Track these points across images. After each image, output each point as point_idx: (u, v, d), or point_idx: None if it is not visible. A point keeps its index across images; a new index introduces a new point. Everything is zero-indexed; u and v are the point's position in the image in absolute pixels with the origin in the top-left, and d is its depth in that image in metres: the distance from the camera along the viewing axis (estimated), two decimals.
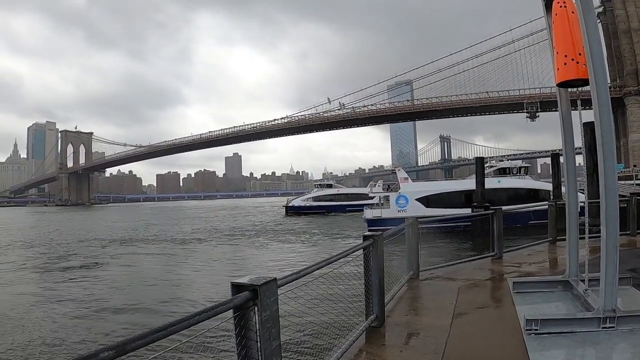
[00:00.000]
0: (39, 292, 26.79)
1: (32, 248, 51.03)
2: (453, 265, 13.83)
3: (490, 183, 46.02)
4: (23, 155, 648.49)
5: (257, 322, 4.31)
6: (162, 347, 3.74)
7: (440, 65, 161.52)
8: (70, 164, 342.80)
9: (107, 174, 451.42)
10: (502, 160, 60.97)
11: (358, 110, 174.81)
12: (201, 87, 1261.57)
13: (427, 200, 48.28)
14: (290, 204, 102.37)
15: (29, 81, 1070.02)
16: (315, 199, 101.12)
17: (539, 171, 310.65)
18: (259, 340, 4.32)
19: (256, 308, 4.31)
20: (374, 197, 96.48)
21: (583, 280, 8.73)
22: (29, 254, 45.59)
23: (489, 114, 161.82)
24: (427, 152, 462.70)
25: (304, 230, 60.64)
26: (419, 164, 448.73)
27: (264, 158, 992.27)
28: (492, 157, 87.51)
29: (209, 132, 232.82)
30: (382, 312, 8.40)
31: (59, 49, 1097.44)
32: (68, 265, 37.40)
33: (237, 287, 4.34)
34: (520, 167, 56.07)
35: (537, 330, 7.34)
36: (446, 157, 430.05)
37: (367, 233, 8.36)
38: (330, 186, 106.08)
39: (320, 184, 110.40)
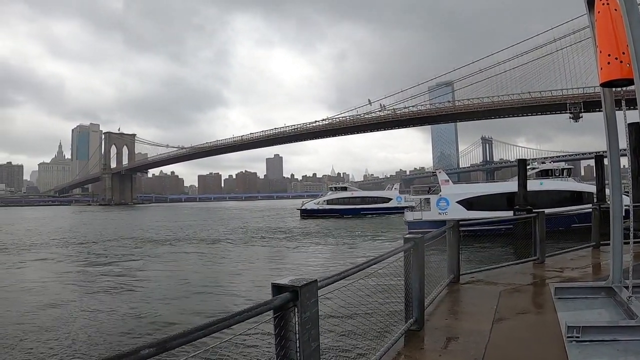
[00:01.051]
0: (81, 288, 27.48)
1: (76, 245, 52.27)
2: (494, 269, 13.61)
3: (532, 185, 45.32)
4: (68, 156, 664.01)
5: (297, 323, 4.30)
6: (203, 345, 3.77)
7: (481, 66, 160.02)
8: (113, 164, 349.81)
9: (150, 175, 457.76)
10: (545, 162, 59.93)
11: (399, 111, 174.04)
12: (241, 89, 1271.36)
13: (468, 203, 47.78)
14: (303, 207, 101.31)
15: (72, 84, 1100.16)
16: (329, 202, 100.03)
17: (582, 173, 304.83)
18: (298, 341, 4.31)
19: (296, 309, 4.30)
20: (391, 200, 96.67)
21: (627, 287, 8.50)
22: (72, 251, 46.75)
23: (531, 115, 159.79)
24: (469, 153, 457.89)
25: (343, 231, 60.36)
26: (460, 166, 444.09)
27: (304, 160, 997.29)
28: (535, 158, 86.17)
29: (250, 133, 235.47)
30: (421, 315, 8.33)
31: (99, 52, 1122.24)
32: (108, 262, 38.22)
33: (277, 288, 4.34)
34: (563, 169, 55.01)
35: (578, 337, 7.15)
36: (488, 158, 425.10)
37: (408, 235, 8.28)
38: (345, 189, 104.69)
39: (334, 187, 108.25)
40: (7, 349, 15.92)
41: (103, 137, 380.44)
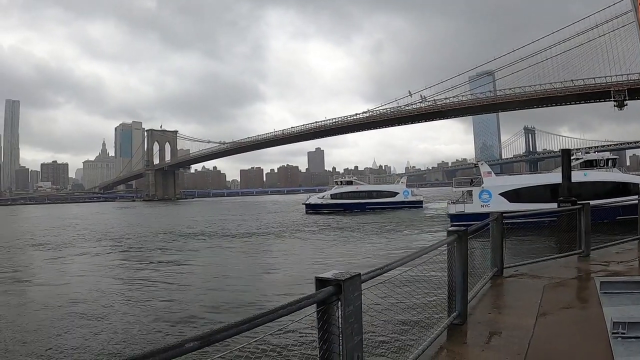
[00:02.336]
0: (124, 281, 28.12)
1: (120, 239, 53.52)
2: (538, 263, 13.35)
3: (576, 176, 44.51)
4: (111, 153, 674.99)
5: (340, 316, 4.29)
6: (247, 339, 3.81)
7: (522, 54, 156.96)
8: (156, 161, 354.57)
9: (192, 170, 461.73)
10: (589, 152, 58.83)
11: (440, 102, 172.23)
12: (278, 83, 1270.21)
13: (511, 195, 47.20)
14: (307, 202, 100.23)
15: (111, 84, 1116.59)
16: (334, 196, 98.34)
17: (628, 163, 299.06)
18: (340, 334, 4.30)
19: (339, 303, 4.29)
20: (398, 194, 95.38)
21: None
22: (116, 245, 47.80)
23: (574, 104, 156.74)
24: (511, 144, 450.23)
25: (374, 225, 60.14)
26: (503, 157, 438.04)
27: (344, 152, 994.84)
28: (578, 148, 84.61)
29: (291, 127, 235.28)
30: (464, 309, 8.25)
31: (135, 52, 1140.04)
32: (150, 255, 39.06)
33: (321, 282, 4.34)
34: (607, 159, 53.76)
35: (624, 333, 6.98)
36: (531, 149, 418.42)
37: (452, 228, 8.23)
38: (350, 183, 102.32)
39: (340, 181, 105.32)
40: (52, 338, 16.32)
41: (146, 134, 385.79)
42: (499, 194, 47.43)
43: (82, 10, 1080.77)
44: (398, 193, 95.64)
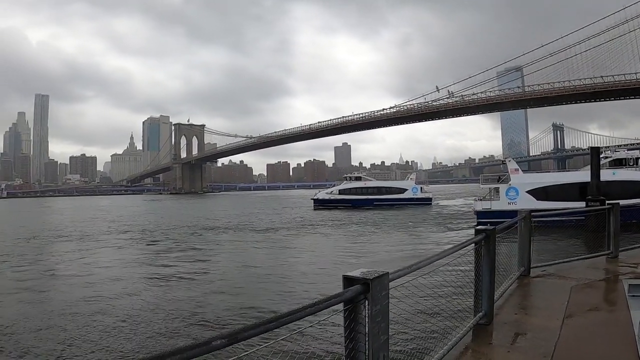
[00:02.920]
0: (152, 273, 28.35)
1: (148, 231, 54.12)
2: (566, 263, 13.22)
3: (605, 175, 43.92)
4: (139, 147, 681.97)
5: (367, 315, 4.28)
6: (273, 337, 3.82)
7: (551, 49, 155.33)
8: (183, 154, 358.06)
9: (219, 164, 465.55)
10: (618, 151, 57.92)
11: (467, 98, 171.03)
12: (305, 77, 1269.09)
13: (538, 193, 46.67)
14: (315, 197, 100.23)
15: (138, 78, 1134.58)
16: (342, 191, 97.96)
17: None
18: (367, 333, 4.28)
19: (367, 302, 4.27)
20: (407, 190, 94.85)
21: None
22: (143, 236, 48.50)
23: (604, 100, 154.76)
24: (539, 141, 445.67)
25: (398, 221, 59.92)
26: (531, 154, 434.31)
27: (371, 148, 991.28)
28: (608, 146, 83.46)
29: (318, 122, 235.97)
30: (490, 309, 8.16)
31: (162, 46, 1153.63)
32: (176, 249, 39.60)
33: (348, 280, 4.32)
34: (637, 158, 53.06)
35: None
36: (559, 146, 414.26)
37: (480, 227, 8.14)
38: (359, 179, 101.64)
39: (348, 176, 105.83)
40: (75, 332, 16.52)
41: (173, 128, 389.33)
42: (526, 192, 46.96)
43: (108, 5, 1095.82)
44: (407, 190, 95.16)
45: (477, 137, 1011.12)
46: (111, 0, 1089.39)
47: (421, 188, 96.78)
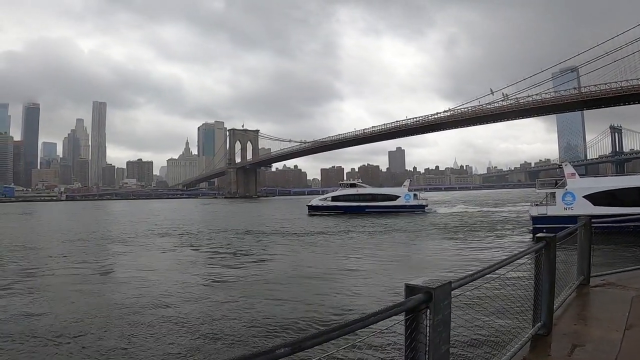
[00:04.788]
0: (207, 277, 28.74)
1: (203, 235, 54.94)
2: (627, 272, 12.76)
3: None
4: (194, 152, 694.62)
5: (428, 325, 4.23)
6: (335, 346, 3.84)
7: (607, 48, 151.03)
8: (238, 159, 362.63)
9: (273, 169, 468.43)
10: None
11: (522, 101, 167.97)
12: (353, 80, 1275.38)
13: (595, 198, 45.45)
14: (310, 203, 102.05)
15: (187, 84, 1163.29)
16: (334, 198, 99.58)
17: None
18: (428, 343, 4.23)
19: (428, 311, 4.23)
20: (399, 198, 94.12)
21: None
22: (198, 240, 49.38)
23: None
24: (597, 144, 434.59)
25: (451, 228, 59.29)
26: (588, 157, 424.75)
27: (423, 152, 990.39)
28: None
29: (372, 127, 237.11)
30: (549, 320, 7.99)
31: (208, 52, 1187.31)
32: (232, 252, 40.18)
33: (410, 289, 4.28)
34: None
35: None
36: (617, 149, 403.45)
37: (540, 234, 7.95)
38: (354, 186, 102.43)
39: (343, 183, 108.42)
40: (132, 338, 16.78)
41: (227, 133, 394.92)
42: (583, 197, 45.83)
43: (152, 13, 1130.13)
44: (399, 197, 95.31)
45: (532, 140, 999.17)
46: (155, 9, 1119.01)
47: (415, 195, 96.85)
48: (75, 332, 17.28)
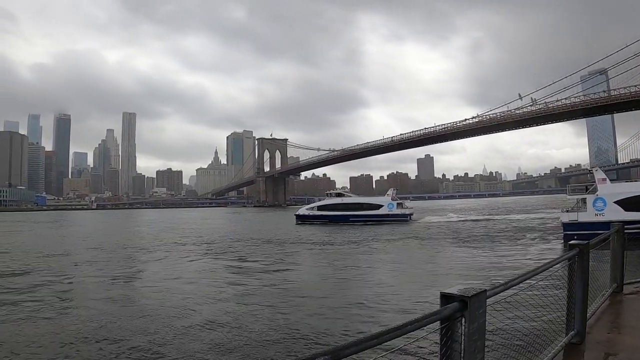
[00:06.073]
0: (237, 285, 28.78)
1: (234, 242, 55.42)
2: None
3: None
4: (223, 161, 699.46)
5: (463, 333, 4.25)
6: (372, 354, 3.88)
7: (637, 49, 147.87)
8: (266, 168, 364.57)
9: (302, 177, 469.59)
10: None
11: (551, 105, 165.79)
12: (378, 88, 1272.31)
13: (627, 203, 44.77)
14: (297, 213, 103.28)
15: (213, 94, 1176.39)
16: (320, 208, 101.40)
17: None
18: (463, 351, 4.26)
19: (463, 319, 4.25)
20: (382, 207, 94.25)
21: None
22: (227, 248, 49.60)
23: None
24: (628, 147, 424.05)
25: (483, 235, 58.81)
26: (619, 162, 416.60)
27: (452, 159, 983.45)
28: None
29: (400, 134, 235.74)
30: (583, 328, 7.92)
31: (232, 62, 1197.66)
32: (260, 261, 40.39)
33: (446, 298, 4.31)
34: None
35: None
36: None
37: (573, 242, 7.90)
38: (340, 195, 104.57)
39: (330, 193, 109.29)
40: (170, 346, 16.91)
41: (256, 142, 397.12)
42: (614, 202, 45.21)
43: (175, 24, 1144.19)
44: (382, 206, 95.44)
45: (561, 145, 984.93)
46: (177, 20, 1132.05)
47: (399, 204, 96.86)
48: (104, 336, 17.74)
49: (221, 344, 16.62)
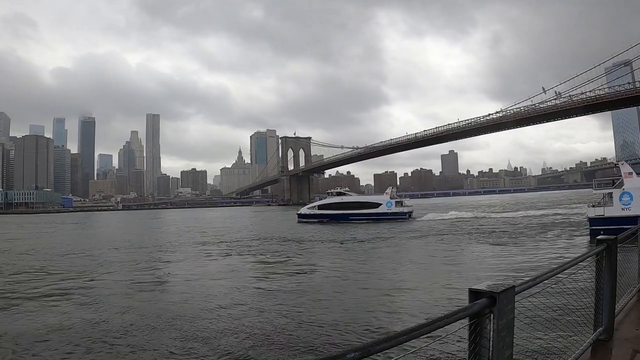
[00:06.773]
0: (265, 282, 29.22)
1: (259, 242, 55.74)
2: None
3: None
4: (247, 160, 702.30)
5: (492, 329, 4.23)
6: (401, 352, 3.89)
7: None
8: (290, 167, 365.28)
9: (326, 175, 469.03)
10: None
11: (576, 98, 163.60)
12: (399, 84, 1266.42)
13: None
14: (299, 212, 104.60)
15: (234, 94, 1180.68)
16: (320, 207, 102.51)
17: None
18: (491, 347, 4.23)
19: (492, 315, 4.22)
20: (381, 205, 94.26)
21: None
22: (255, 248, 49.58)
23: None
24: None
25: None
26: None
27: (475, 154, 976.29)
28: None
29: (423, 130, 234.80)
30: (611, 325, 7.84)
31: (251, 61, 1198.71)
32: (285, 261, 40.26)
33: (475, 294, 4.28)
34: None
35: None
36: None
37: (601, 237, 7.77)
38: (341, 194, 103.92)
39: (332, 192, 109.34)
40: (198, 341, 17.14)
41: (280, 141, 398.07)
42: None
43: (193, 26, 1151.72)
44: (381, 204, 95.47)
45: (586, 138, 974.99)
46: (195, 21, 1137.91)
47: (399, 202, 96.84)
48: (131, 333, 18.17)
49: (248, 339, 16.88)
